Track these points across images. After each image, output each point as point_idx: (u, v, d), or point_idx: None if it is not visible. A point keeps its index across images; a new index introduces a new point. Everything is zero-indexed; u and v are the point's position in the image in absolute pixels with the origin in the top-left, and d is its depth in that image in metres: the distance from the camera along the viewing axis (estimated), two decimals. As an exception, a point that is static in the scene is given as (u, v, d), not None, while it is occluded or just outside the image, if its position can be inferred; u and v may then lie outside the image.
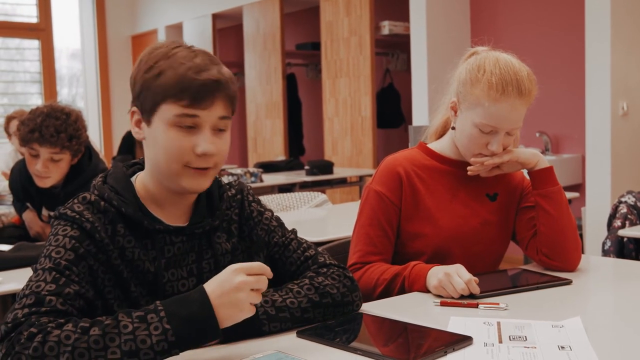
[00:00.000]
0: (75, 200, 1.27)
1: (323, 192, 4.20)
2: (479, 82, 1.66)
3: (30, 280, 1.17)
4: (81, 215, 1.23)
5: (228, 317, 1.13)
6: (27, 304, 1.12)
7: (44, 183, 2.55)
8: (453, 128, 1.78)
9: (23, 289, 1.16)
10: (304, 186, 5.04)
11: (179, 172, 1.25)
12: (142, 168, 1.36)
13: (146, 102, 1.24)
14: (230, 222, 1.39)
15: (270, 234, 1.43)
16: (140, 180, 1.33)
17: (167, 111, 1.22)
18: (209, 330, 1.11)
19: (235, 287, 1.12)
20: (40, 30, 8.18)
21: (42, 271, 1.17)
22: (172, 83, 1.21)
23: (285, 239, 1.45)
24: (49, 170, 2.50)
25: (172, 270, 1.29)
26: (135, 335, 1.07)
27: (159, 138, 1.24)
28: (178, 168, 1.25)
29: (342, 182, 5.66)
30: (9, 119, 4.93)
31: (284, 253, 1.43)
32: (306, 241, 1.47)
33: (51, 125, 2.43)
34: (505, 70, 1.66)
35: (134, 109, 1.29)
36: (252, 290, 1.14)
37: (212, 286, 1.14)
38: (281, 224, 1.47)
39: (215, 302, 1.12)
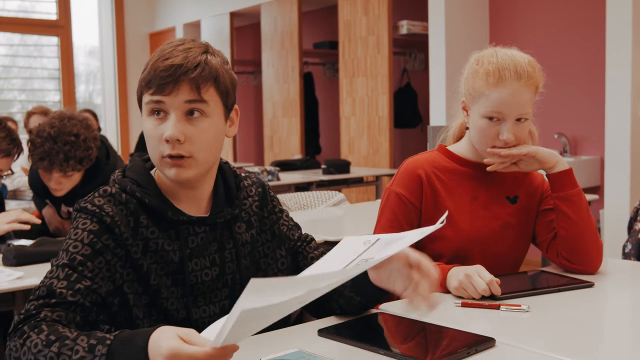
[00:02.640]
0: (96, 194, 1.28)
1: (339, 191, 4.19)
2: (477, 73, 1.70)
3: (45, 276, 1.20)
4: (101, 209, 1.25)
5: None
6: (40, 295, 1.16)
7: (59, 194, 2.57)
8: (467, 128, 1.79)
9: (39, 283, 1.20)
10: (321, 185, 5.04)
11: (159, 162, 1.27)
12: None
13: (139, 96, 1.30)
14: (250, 213, 1.41)
15: (291, 230, 1.48)
16: (158, 174, 1.35)
17: (144, 101, 1.27)
18: None
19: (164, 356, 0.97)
20: (59, 27, 8.24)
21: (56, 267, 1.20)
22: (146, 73, 1.25)
23: (306, 236, 1.51)
24: (62, 184, 2.53)
25: (195, 260, 1.31)
26: None
27: (144, 128, 1.28)
28: (157, 158, 1.26)
29: (359, 181, 5.65)
30: (29, 115, 4.98)
31: (305, 248, 1.48)
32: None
33: (60, 152, 2.42)
34: (502, 59, 1.69)
35: None
36: None
37: (154, 341, 1.00)
38: (297, 224, 1.52)
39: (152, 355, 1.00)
